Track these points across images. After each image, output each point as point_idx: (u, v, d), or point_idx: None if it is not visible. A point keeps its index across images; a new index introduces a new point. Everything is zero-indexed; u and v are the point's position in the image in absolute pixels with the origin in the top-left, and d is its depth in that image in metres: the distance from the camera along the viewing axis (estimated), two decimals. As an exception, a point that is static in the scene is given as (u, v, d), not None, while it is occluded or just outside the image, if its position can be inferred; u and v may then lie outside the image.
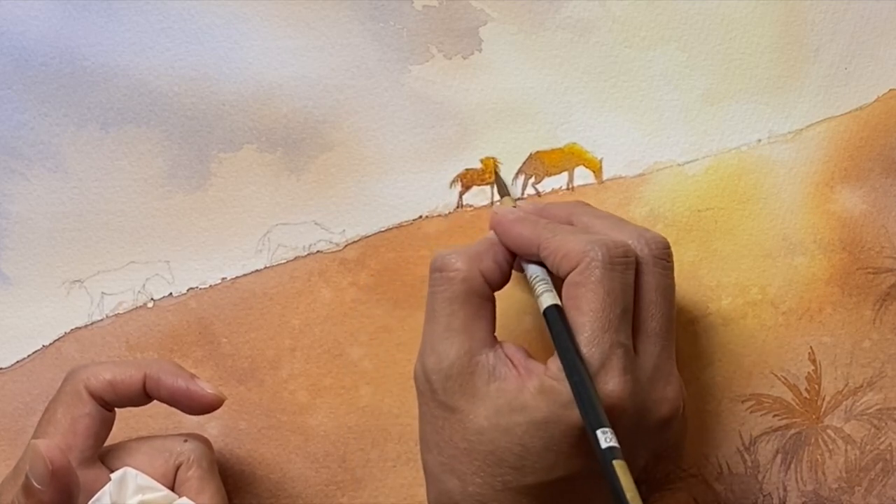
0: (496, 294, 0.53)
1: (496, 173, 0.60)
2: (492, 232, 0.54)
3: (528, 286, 0.53)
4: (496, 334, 0.53)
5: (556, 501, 0.49)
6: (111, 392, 0.53)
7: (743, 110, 0.61)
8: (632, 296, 0.50)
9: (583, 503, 0.50)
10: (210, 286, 0.61)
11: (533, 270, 0.53)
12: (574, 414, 0.47)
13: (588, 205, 0.56)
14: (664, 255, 0.53)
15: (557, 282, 0.51)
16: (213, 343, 0.60)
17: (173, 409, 0.56)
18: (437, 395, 0.50)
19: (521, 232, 0.53)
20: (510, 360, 0.51)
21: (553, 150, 0.61)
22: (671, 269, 0.53)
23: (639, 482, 0.45)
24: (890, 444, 0.61)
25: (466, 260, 0.52)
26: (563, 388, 0.48)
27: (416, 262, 0.60)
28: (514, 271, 0.54)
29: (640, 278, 0.51)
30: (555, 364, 0.49)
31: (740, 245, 0.61)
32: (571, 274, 0.49)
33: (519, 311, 0.59)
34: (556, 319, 0.50)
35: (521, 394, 0.49)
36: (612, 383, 0.48)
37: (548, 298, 0.51)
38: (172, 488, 0.54)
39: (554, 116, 0.61)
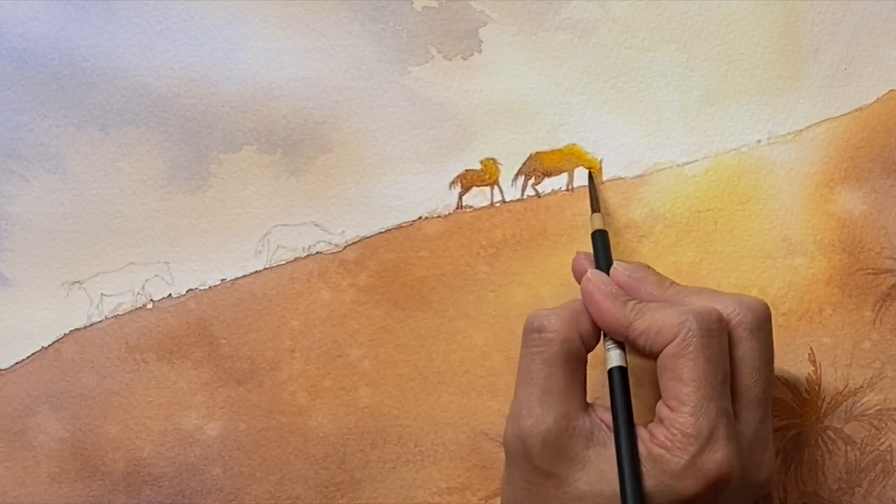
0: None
1: (590, 182, 0.60)
2: None
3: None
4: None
5: None
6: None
7: (743, 111, 0.61)
8: (728, 361, 0.50)
9: None
10: (209, 287, 0.61)
11: None
12: (687, 485, 0.48)
13: (679, 284, 0.55)
14: (766, 319, 0.52)
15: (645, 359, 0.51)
16: (213, 344, 0.60)
17: (172, 410, 0.56)
18: (533, 460, 0.50)
19: (610, 310, 0.52)
20: (605, 424, 0.51)
21: (553, 151, 0.61)
22: (771, 333, 0.53)
23: None
24: (890, 445, 0.60)
25: (565, 321, 0.52)
26: (672, 457, 0.48)
27: (416, 263, 0.60)
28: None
29: (745, 344, 0.51)
30: (661, 432, 0.49)
31: (740, 246, 0.61)
32: (668, 347, 0.49)
33: (519, 313, 0.59)
34: (616, 381, 0.50)
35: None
36: (720, 452, 0.48)
37: (615, 358, 0.51)
38: None
39: (554, 117, 0.61)
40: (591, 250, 0.57)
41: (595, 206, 0.58)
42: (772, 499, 0.61)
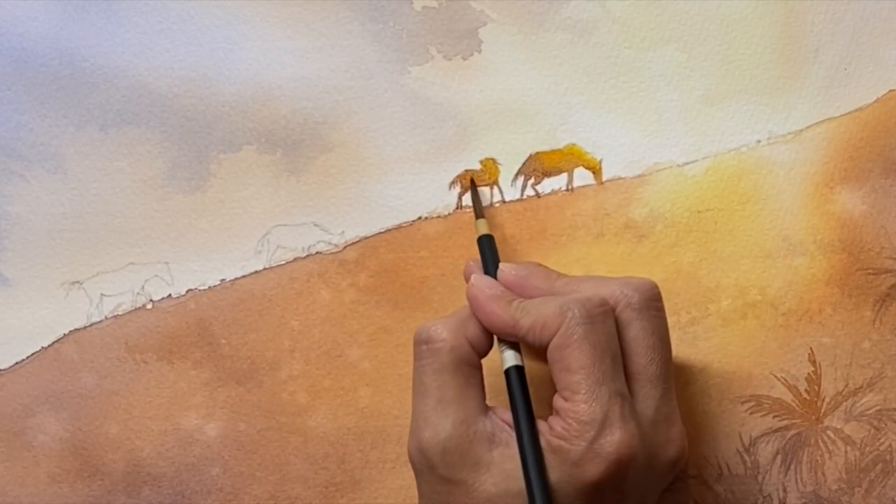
0: None
1: (473, 188, 0.60)
2: None
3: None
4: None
5: None
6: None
7: (742, 111, 0.61)
8: (617, 343, 0.50)
9: None
10: (209, 287, 0.61)
11: None
12: (588, 471, 0.47)
13: (567, 275, 0.55)
14: (655, 297, 0.52)
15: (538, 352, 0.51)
16: (213, 344, 0.60)
17: (172, 410, 0.56)
18: (436, 470, 0.50)
19: (496, 312, 0.52)
20: (507, 424, 0.51)
21: (552, 151, 0.61)
22: (663, 310, 0.53)
23: None
24: (890, 445, 0.60)
25: (452, 329, 0.52)
26: (571, 446, 0.48)
27: (416, 263, 0.60)
28: None
29: (633, 324, 0.51)
30: (558, 423, 0.49)
31: (740, 246, 0.60)
32: (554, 338, 0.49)
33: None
34: (514, 381, 0.50)
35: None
36: (617, 434, 0.48)
37: (510, 358, 0.52)
38: None
39: (553, 117, 0.61)
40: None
41: (479, 212, 0.58)
42: (772, 499, 0.61)
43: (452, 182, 0.61)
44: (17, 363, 0.60)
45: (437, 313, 0.60)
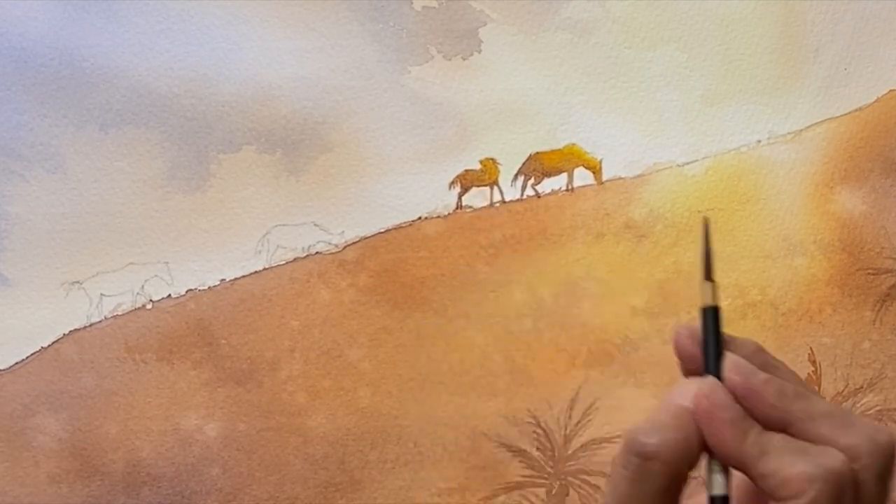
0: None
1: (705, 237, 0.51)
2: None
3: None
4: None
5: None
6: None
7: (743, 111, 0.61)
8: None
9: None
10: (209, 287, 0.61)
11: None
12: None
13: (804, 392, 0.50)
14: (891, 467, 0.49)
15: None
16: (212, 344, 0.60)
17: (172, 411, 0.56)
18: None
19: (728, 441, 0.47)
20: None
21: (552, 151, 0.61)
22: (893, 476, 0.50)
23: None
24: (890, 446, 0.60)
25: (678, 451, 0.46)
26: None
27: (416, 263, 0.60)
28: None
29: (867, 489, 0.48)
30: None
31: (740, 246, 0.60)
32: (792, 501, 0.46)
33: (519, 313, 0.59)
34: None
35: None
36: None
37: (719, 483, 0.47)
38: None
39: (553, 117, 0.61)
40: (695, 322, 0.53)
41: (708, 271, 0.51)
42: (772, 499, 0.60)
43: (452, 182, 0.60)
44: (17, 363, 0.60)
45: (436, 313, 0.60)
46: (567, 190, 0.59)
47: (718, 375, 0.50)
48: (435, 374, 0.59)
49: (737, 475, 0.46)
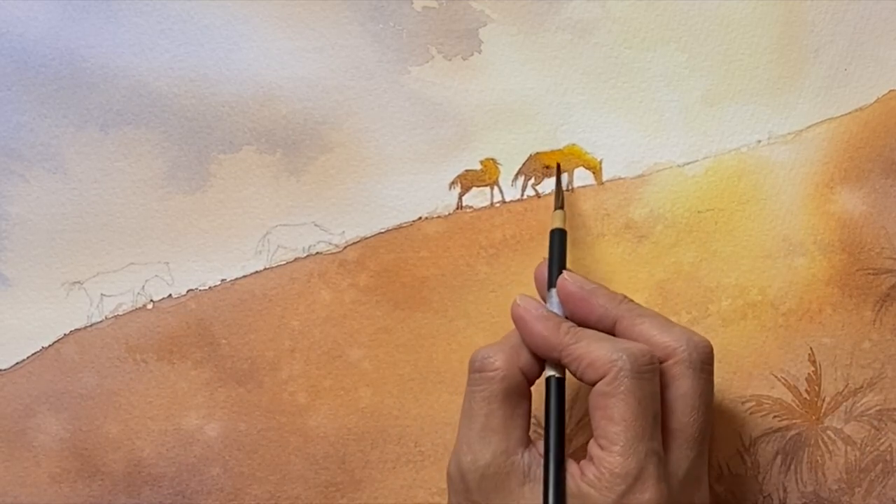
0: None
1: (558, 176, 0.59)
2: None
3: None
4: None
5: None
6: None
7: (743, 111, 0.61)
8: (659, 401, 0.50)
9: None
10: (209, 287, 0.61)
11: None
12: None
13: (633, 302, 0.54)
14: (709, 360, 0.52)
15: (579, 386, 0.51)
16: (213, 344, 0.60)
17: (173, 411, 0.56)
18: (471, 495, 0.50)
19: (542, 333, 0.52)
20: (543, 459, 0.51)
21: (553, 152, 0.61)
22: (713, 373, 0.53)
23: None
24: (890, 446, 0.60)
25: (505, 358, 0.52)
26: (599, 496, 0.48)
27: (416, 263, 0.60)
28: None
29: (684, 382, 0.51)
30: (590, 470, 0.49)
31: (740, 246, 0.60)
32: (599, 384, 0.49)
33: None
34: (552, 391, 0.51)
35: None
36: (648, 492, 0.48)
37: (552, 368, 0.51)
38: None
39: (553, 117, 0.61)
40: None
41: (559, 201, 0.58)
42: (772, 499, 0.61)
43: (452, 182, 0.61)
44: (17, 363, 0.60)
45: (437, 313, 0.60)
46: (567, 190, 0.59)
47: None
48: (435, 374, 0.59)
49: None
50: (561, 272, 0.54)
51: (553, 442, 0.50)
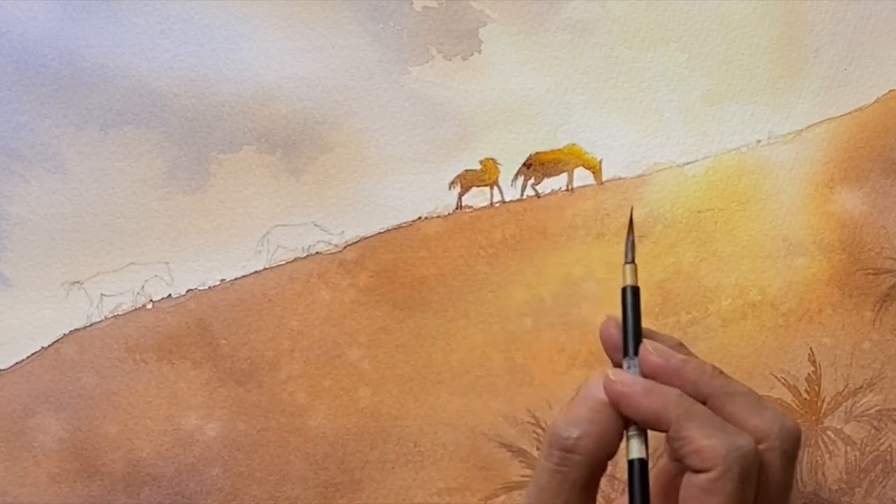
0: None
1: (630, 227, 0.50)
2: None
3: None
4: None
5: None
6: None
7: (743, 111, 0.61)
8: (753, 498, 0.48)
9: None
10: (209, 287, 0.61)
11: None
12: None
13: (723, 373, 0.51)
14: (798, 448, 0.50)
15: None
16: (212, 344, 0.60)
17: (172, 411, 0.56)
18: None
19: (651, 407, 0.47)
20: None
21: (553, 151, 0.61)
22: (796, 461, 0.50)
23: None
24: (890, 446, 0.60)
25: (596, 442, 0.47)
26: None
27: (416, 263, 0.60)
28: None
29: (772, 469, 0.49)
30: None
31: (740, 246, 0.60)
32: (703, 478, 0.47)
33: (519, 313, 0.59)
34: (636, 475, 0.47)
35: None
36: None
37: (636, 447, 0.48)
38: None
39: (553, 117, 0.61)
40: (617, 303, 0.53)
41: (630, 254, 0.51)
42: (772, 499, 0.60)
43: (452, 182, 0.60)
44: (17, 363, 0.60)
45: (436, 313, 0.60)
46: (567, 190, 0.59)
47: (636, 354, 0.47)
48: (435, 374, 0.59)
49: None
50: (638, 337, 0.49)
51: None
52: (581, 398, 0.48)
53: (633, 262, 0.49)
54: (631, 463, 0.48)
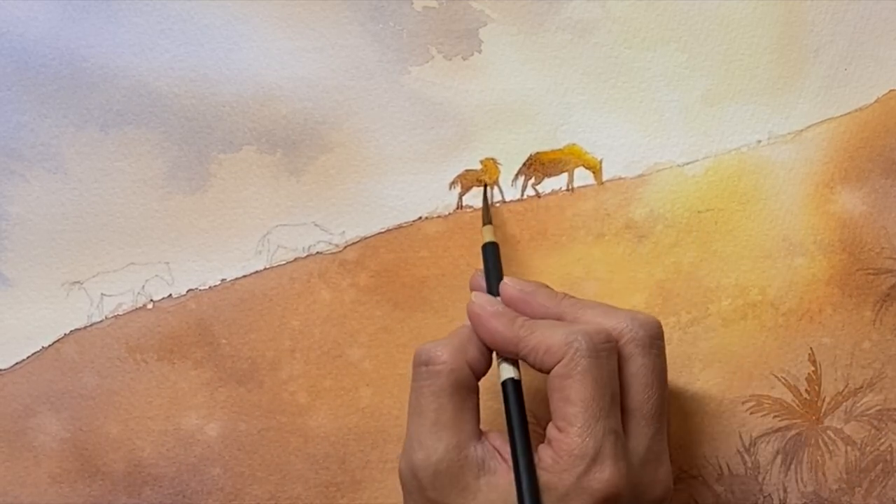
0: None
1: (485, 191, 0.60)
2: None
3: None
4: None
5: None
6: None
7: (743, 111, 0.61)
8: (617, 380, 0.50)
9: None
10: (210, 287, 0.61)
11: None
12: None
13: (574, 297, 0.54)
14: (659, 336, 0.52)
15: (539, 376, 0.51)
16: (213, 344, 0.60)
17: (173, 411, 0.56)
18: (426, 492, 0.50)
19: (498, 329, 0.52)
20: (498, 451, 0.51)
21: (553, 151, 0.61)
22: (664, 349, 0.53)
23: None
24: (890, 446, 0.60)
25: (452, 352, 0.52)
26: (559, 479, 0.48)
27: (416, 263, 0.60)
28: None
29: (635, 360, 0.51)
30: (548, 455, 0.49)
31: (740, 246, 0.61)
32: (557, 367, 0.49)
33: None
34: (510, 394, 0.50)
35: (513, 488, 0.49)
36: (607, 471, 0.48)
37: (507, 370, 0.51)
38: None
39: (554, 117, 0.61)
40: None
41: (486, 217, 0.58)
42: (772, 499, 0.61)
43: (452, 182, 0.61)
44: (17, 363, 0.60)
45: (437, 313, 0.60)
46: (567, 190, 0.59)
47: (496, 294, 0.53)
48: (435, 374, 0.59)
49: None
50: (499, 279, 0.55)
51: (520, 447, 0.49)
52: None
53: (490, 223, 0.57)
54: (504, 384, 0.51)
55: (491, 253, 0.56)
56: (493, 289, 0.55)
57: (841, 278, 0.61)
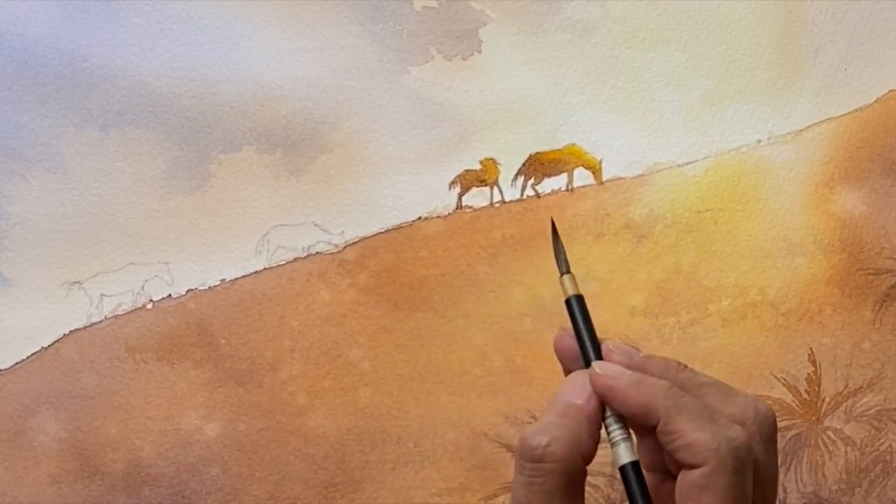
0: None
1: (554, 234, 0.48)
2: (583, 397, 0.47)
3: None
4: None
5: None
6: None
7: (743, 111, 0.61)
8: (751, 493, 0.47)
9: None
10: (209, 287, 0.61)
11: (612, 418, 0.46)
12: None
13: (687, 367, 0.49)
14: (775, 430, 0.49)
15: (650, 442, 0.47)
16: (213, 344, 0.60)
17: (172, 411, 0.56)
18: None
19: (640, 400, 0.45)
20: None
21: (553, 151, 0.61)
22: (776, 444, 0.50)
23: None
24: (890, 446, 0.60)
25: (566, 447, 0.45)
26: None
27: (416, 263, 0.60)
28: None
29: (760, 458, 0.48)
30: None
31: (740, 246, 0.60)
32: (696, 474, 0.45)
33: (519, 313, 0.59)
34: (632, 479, 0.45)
35: None
36: None
37: (625, 453, 0.45)
38: None
39: (553, 117, 0.61)
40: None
41: (563, 266, 0.48)
42: (772, 499, 0.60)
43: (452, 182, 0.60)
44: (17, 363, 0.60)
45: (436, 313, 0.60)
46: (567, 190, 0.59)
47: (599, 358, 0.45)
48: (435, 374, 0.59)
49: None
50: (595, 342, 0.47)
51: None
52: (550, 405, 0.47)
53: (568, 272, 0.47)
54: (623, 469, 0.46)
55: (580, 309, 0.48)
56: (587, 352, 0.47)
57: (841, 278, 0.61)
